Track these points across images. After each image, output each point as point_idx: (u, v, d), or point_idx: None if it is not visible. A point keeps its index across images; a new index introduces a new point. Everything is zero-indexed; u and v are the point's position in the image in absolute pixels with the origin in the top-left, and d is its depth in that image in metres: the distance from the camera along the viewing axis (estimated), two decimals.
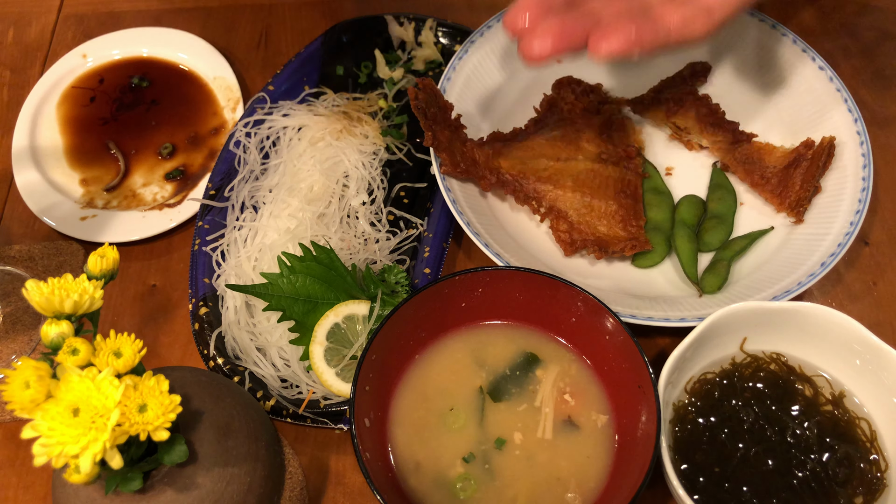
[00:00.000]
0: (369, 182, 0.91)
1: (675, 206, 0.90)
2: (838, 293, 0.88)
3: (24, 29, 1.14)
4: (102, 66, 1.06)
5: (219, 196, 0.90)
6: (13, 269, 0.90)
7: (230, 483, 0.61)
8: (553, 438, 0.70)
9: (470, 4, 1.12)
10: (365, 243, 0.87)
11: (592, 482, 0.68)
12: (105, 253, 0.60)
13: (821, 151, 0.86)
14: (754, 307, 0.71)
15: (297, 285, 0.78)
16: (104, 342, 0.54)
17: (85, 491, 0.58)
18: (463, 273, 0.72)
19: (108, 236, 0.90)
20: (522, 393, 0.72)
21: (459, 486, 0.68)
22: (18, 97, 1.05)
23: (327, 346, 0.77)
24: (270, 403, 0.76)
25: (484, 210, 0.87)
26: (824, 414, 0.71)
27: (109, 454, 0.50)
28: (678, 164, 0.94)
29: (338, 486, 0.77)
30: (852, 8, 1.11)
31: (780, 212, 0.88)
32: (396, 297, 0.80)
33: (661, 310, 0.79)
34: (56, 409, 0.50)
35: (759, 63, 0.97)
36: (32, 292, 0.55)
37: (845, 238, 0.81)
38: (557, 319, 0.74)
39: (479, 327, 0.76)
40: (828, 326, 0.71)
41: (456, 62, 0.94)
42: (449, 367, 0.74)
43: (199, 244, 0.87)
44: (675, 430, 0.70)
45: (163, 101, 1.03)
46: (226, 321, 0.82)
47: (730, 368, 0.73)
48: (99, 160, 0.99)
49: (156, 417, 0.52)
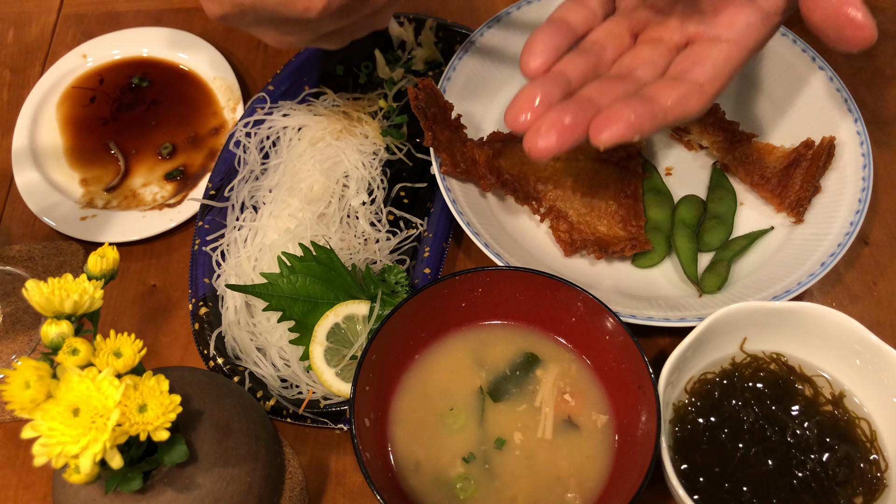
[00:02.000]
0: (369, 182, 0.91)
1: (675, 206, 0.90)
2: (838, 293, 0.88)
3: (24, 29, 1.14)
4: (102, 66, 1.06)
5: (219, 196, 0.90)
6: (13, 269, 0.90)
7: (230, 483, 0.61)
8: (553, 438, 0.70)
9: (470, 5, 1.12)
10: (365, 243, 0.87)
11: (592, 482, 0.68)
12: (105, 253, 0.60)
13: (821, 151, 0.86)
14: (754, 307, 0.71)
15: (297, 285, 0.78)
16: (104, 342, 0.54)
17: (85, 491, 0.58)
18: (463, 273, 0.72)
19: (108, 236, 0.90)
20: (522, 393, 0.72)
21: (459, 486, 0.68)
22: (18, 97, 1.05)
23: (327, 346, 0.77)
24: (270, 403, 0.76)
25: (484, 210, 0.87)
26: (824, 414, 0.71)
27: (109, 454, 0.50)
28: (678, 164, 0.94)
29: (338, 486, 0.77)
30: None
31: (780, 212, 0.88)
32: (396, 297, 0.80)
33: (661, 310, 0.79)
34: (56, 409, 0.50)
35: (760, 63, 0.97)
36: (32, 292, 0.55)
37: (845, 238, 0.81)
38: (557, 319, 0.74)
39: (479, 327, 0.76)
40: (828, 326, 0.71)
41: (456, 62, 0.94)
42: (449, 367, 0.74)
43: (199, 244, 0.87)
44: (675, 430, 0.70)
45: (163, 101, 1.03)
46: (226, 321, 0.82)
47: (730, 368, 0.73)
48: (99, 160, 0.99)
49: (156, 417, 0.52)
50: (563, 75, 0.69)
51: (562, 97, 0.67)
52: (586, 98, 0.67)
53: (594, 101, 0.67)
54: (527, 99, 0.66)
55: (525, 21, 0.98)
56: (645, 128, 0.64)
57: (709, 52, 0.68)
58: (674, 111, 0.66)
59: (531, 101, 0.66)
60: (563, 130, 0.63)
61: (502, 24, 0.97)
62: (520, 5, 0.98)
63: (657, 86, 0.68)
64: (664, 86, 0.67)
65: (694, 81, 0.67)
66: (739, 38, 0.68)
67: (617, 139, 0.63)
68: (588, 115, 0.65)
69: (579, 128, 0.64)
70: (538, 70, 0.69)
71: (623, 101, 0.65)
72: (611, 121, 0.63)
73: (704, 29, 0.69)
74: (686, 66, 0.69)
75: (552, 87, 0.67)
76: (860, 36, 0.61)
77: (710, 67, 0.68)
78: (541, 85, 0.67)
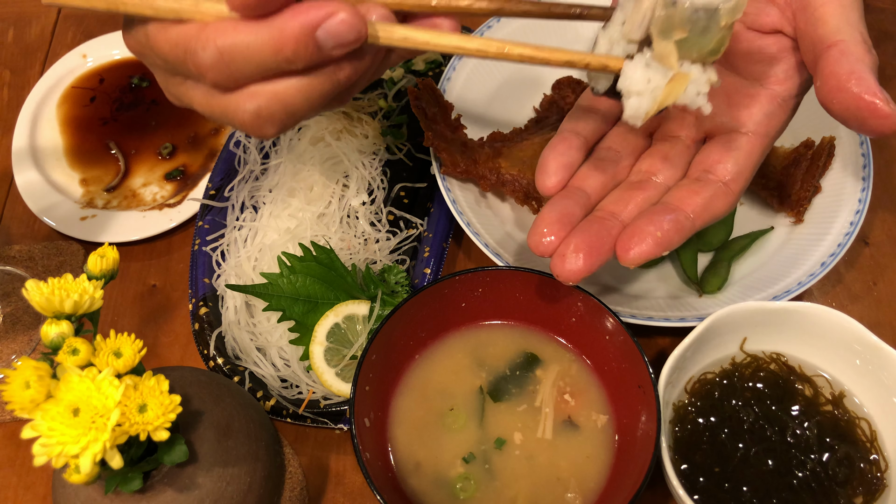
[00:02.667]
0: (369, 182, 0.91)
1: None
2: (838, 293, 0.88)
3: (24, 29, 1.14)
4: (102, 66, 1.06)
5: (219, 196, 0.90)
6: (13, 269, 0.90)
7: (230, 483, 0.61)
8: (553, 438, 0.70)
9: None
10: (365, 243, 0.87)
11: (592, 482, 0.68)
12: (105, 253, 0.60)
13: (821, 151, 0.86)
14: (754, 307, 0.71)
15: (297, 285, 0.78)
16: (104, 342, 0.54)
17: (85, 491, 0.58)
18: (463, 273, 0.72)
19: (108, 236, 0.90)
20: (522, 393, 0.72)
21: (459, 486, 0.68)
22: (18, 97, 1.05)
23: (327, 346, 0.77)
24: (270, 403, 0.76)
25: (484, 210, 0.87)
26: (824, 414, 0.71)
27: (109, 454, 0.50)
28: None
29: (338, 486, 0.77)
30: None
31: (779, 212, 0.88)
32: (396, 297, 0.80)
33: (661, 310, 0.79)
34: (56, 409, 0.50)
35: None
36: (32, 292, 0.55)
37: (845, 238, 0.81)
38: (557, 319, 0.74)
39: (479, 327, 0.76)
40: (828, 326, 0.71)
41: (456, 62, 0.94)
42: (449, 367, 0.74)
43: (199, 244, 0.87)
44: (675, 430, 0.70)
45: (163, 101, 1.03)
46: (226, 321, 0.82)
47: (730, 368, 0.73)
48: (99, 160, 0.99)
49: (156, 417, 0.52)
50: (581, 191, 0.68)
51: (583, 214, 0.66)
52: (608, 213, 0.66)
53: (616, 216, 0.65)
54: (548, 221, 0.64)
55: (525, 21, 0.98)
56: (673, 241, 0.63)
57: (729, 147, 0.66)
58: (701, 217, 0.64)
59: (553, 223, 0.64)
60: (590, 252, 0.62)
61: (503, 24, 0.97)
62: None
63: (680, 192, 0.66)
64: (687, 191, 0.65)
65: (717, 181, 0.65)
66: (758, 128, 0.66)
67: (645, 257, 0.62)
68: (613, 232, 0.64)
69: (605, 247, 0.63)
70: (555, 188, 0.68)
71: (647, 216, 0.63)
72: (637, 239, 0.62)
73: (722, 121, 0.66)
74: (707, 165, 0.66)
75: (572, 206, 0.66)
76: (885, 125, 0.57)
77: (731, 164, 0.65)
78: (560, 204, 0.66)
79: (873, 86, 0.57)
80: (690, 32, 0.54)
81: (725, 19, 0.54)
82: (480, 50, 0.55)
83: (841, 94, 0.58)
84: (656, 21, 0.54)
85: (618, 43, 0.57)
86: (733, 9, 0.54)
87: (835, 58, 0.58)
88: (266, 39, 0.50)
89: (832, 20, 0.60)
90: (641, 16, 0.54)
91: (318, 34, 0.50)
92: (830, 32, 0.59)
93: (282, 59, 0.50)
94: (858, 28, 0.60)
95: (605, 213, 0.66)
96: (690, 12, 0.53)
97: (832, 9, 0.60)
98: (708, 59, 0.56)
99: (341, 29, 0.50)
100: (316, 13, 0.49)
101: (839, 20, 0.60)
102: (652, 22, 0.54)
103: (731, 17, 0.54)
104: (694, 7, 0.53)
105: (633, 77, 0.55)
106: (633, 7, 0.55)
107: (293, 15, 0.50)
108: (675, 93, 0.55)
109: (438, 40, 0.54)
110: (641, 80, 0.55)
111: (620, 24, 0.57)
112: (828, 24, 0.60)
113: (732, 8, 0.54)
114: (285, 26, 0.49)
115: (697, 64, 0.56)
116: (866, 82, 0.57)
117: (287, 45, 0.50)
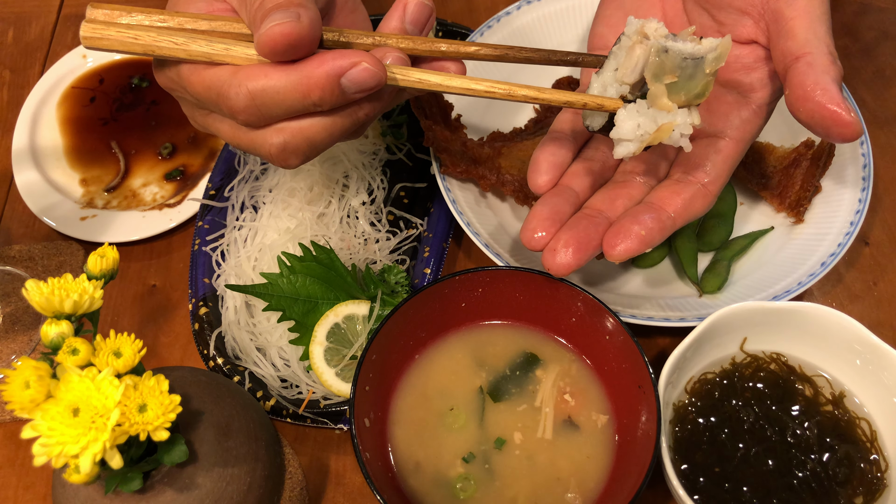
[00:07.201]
0: (369, 182, 0.91)
1: None
2: (838, 293, 0.88)
3: (24, 29, 1.14)
4: (102, 67, 1.06)
5: (219, 196, 0.90)
6: (13, 269, 0.90)
7: (230, 483, 0.61)
8: (553, 438, 0.70)
9: (470, 5, 1.12)
10: (365, 243, 0.87)
11: (592, 482, 0.68)
12: (105, 253, 0.60)
13: (821, 151, 0.86)
14: (754, 307, 0.71)
15: (297, 285, 0.78)
16: (104, 342, 0.54)
17: (85, 491, 0.58)
18: (463, 273, 0.72)
19: (108, 236, 0.90)
20: (522, 393, 0.72)
21: (459, 486, 0.68)
22: (18, 97, 1.05)
23: (327, 346, 0.77)
24: (270, 403, 0.76)
25: (484, 210, 0.87)
26: (824, 414, 0.71)
27: (109, 454, 0.50)
28: None
29: (338, 486, 0.77)
30: (852, 8, 1.11)
31: (780, 212, 0.88)
32: (396, 297, 0.80)
33: (661, 310, 0.79)
34: (56, 409, 0.50)
35: None
36: (32, 292, 0.55)
37: (845, 238, 0.81)
38: (557, 319, 0.74)
39: (479, 327, 0.76)
40: (828, 326, 0.71)
41: None
42: (449, 367, 0.74)
43: (199, 244, 0.87)
44: (675, 430, 0.70)
45: (163, 101, 1.03)
46: (226, 321, 0.82)
47: (730, 368, 0.73)
48: (99, 160, 0.99)
49: (156, 417, 0.52)
50: (570, 189, 0.72)
51: (572, 211, 0.70)
52: (596, 210, 0.70)
53: (604, 213, 0.70)
54: (539, 217, 0.69)
55: (525, 21, 0.98)
56: (656, 239, 0.67)
57: (708, 151, 0.70)
58: (681, 216, 0.69)
59: (544, 220, 0.68)
60: (579, 247, 0.66)
61: (502, 24, 0.97)
62: (520, 5, 0.98)
63: (662, 192, 0.70)
64: (669, 191, 0.70)
65: (696, 183, 0.70)
66: (735, 133, 0.70)
67: (630, 253, 0.66)
68: (600, 228, 0.68)
69: (593, 243, 0.67)
70: (545, 186, 0.72)
71: (632, 215, 0.67)
72: (623, 237, 0.66)
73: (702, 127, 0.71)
74: (687, 167, 0.71)
75: (562, 203, 0.70)
76: (847, 133, 0.61)
77: (710, 167, 0.70)
78: (550, 201, 0.70)
79: (836, 96, 0.61)
80: (680, 77, 0.59)
81: (710, 67, 0.59)
82: (489, 91, 0.62)
83: (807, 104, 0.62)
84: (650, 66, 0.60)
85: (611, 85, 0.63)
86: (717, 58, 0.59)
87: (802, 69, 0.62)
88: (295, 85, 0.55)
89: (801, 33, 0.63)
90: (634, 62, 0.60)
91: (342, 81, 0.55)
92: (799, 45, 0.63)
93: (309, 103, 0.56)
94: (825, 41, 0.63)
95: (592, 210, 0.70)
96: (680, 59, 0.59)
97: (801, 23, 0.64)
98: (694, 101, 0.61)
99: (364, 76, 0.55)
100: (342, 62, 0.55)
101: (807, 33, 0.63)
102: (646, 67, 0.60)
103: (716, 65, 0.59)
104: (682, 55, 0.59)
105: (624, 127, 0.62)
106: (625, 55, 0.61)
107: (320, 63, 0.55)
108: (660, 137, 0.61)
109: (450, 82, 0.61)
110: (632, 129, 0.61)
111: (612, 71, 0.63)
112: (797, 37, 0.64)
113: (717, 57, 0.59)
114: (313, 74, 0.55)
115: (684, 108, 0.62)
116: (830, 93, 0.61)
117: (314, 91, 0.55)
